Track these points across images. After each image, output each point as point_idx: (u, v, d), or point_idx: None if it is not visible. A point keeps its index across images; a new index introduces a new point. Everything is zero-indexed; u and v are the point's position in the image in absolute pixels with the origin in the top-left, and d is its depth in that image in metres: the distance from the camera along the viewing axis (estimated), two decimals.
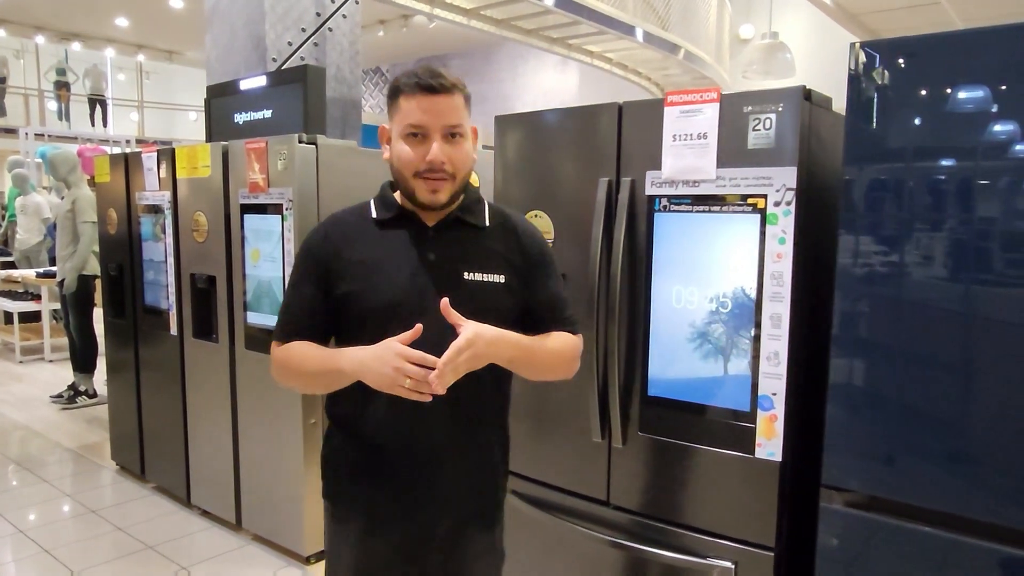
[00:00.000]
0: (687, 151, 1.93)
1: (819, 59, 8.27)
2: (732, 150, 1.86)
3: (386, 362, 1.25)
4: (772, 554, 1.85)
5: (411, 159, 1.36)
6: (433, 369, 1.23)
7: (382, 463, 1.44)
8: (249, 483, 3.25)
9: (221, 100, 3.83)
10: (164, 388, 3.67)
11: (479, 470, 1.51)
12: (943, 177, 1.56)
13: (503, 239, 1.48)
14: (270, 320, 3.05)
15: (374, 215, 1.46)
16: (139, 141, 12.38)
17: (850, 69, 1.63)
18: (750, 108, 1.83)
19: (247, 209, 3.13)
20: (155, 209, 3.63)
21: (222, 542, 3.25)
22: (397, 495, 1.45)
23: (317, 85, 3.41)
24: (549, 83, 11.33)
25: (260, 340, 3.10)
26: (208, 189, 3.31)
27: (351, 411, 1.45)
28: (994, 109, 1.47)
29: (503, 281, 1.43)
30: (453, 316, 1.29)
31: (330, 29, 4.06)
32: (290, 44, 3.89)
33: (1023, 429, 1.48)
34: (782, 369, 1.81)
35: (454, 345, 1.25)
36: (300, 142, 2.92)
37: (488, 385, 1.45)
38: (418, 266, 1.40)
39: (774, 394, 1.82)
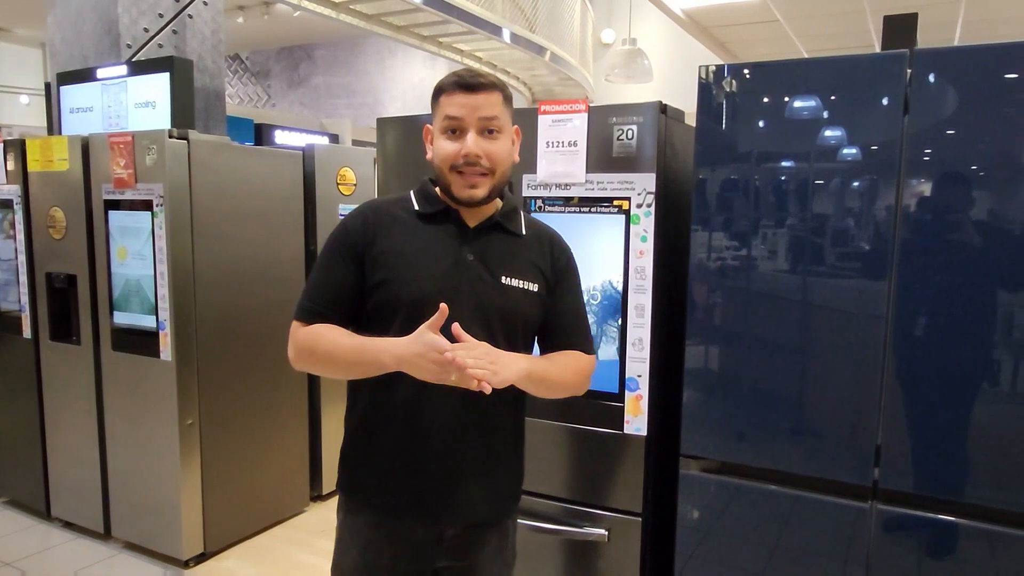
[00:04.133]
0: (559, 157, 2.10)
1: (675, 65, 8.84)
2: (599, 157, 2.05)
3: (423, 355, 1.23)
4: (640, 519, 2.07)
5: (448, 153, 1.37)
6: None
7: (395, 456, 1.42)
8: (119, 489, 3.13)
9: (73, 87, 3.62)
10: (17, 395, 3.44)
11: (495, 470, 1.48)
12: (778, 181, 1.81)
13: (538, 249, 1.49)
14: (140, 320, 2.95)
15: (416, 207, 1.45)
16: None
17: (699, 87, 1.85)
18: (615, 119, 2.02)
19: (111, 205, 3.01)
20: (3, 204, 3.38)
21: (90, 552, 3.11)
22: (406, 491, 1.42)
23: (185, 76, 3.31)
24: (419, 77, 11.32)
25: (129, 341, 3.00)
26: (66, 183, 3.14)
27: (369, 403, 1.44)
28: (816, 126, 1.74)
29: (536, 290, 1.44)
30: (457, 331, 1.27)
31: (190, 16, 3.92)
32: (146, 30, 3.73)
33: (846, 397, 1.76)
34: (646, 354, 2.03)
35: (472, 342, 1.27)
36: (171, 137, 2.85)
37: (510, 389, 1.38)
38: (456, 263, 1.39)
39: (639, 376, 2.04)
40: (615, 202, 2.04)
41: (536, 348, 1.53)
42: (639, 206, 2.01)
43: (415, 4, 5.89)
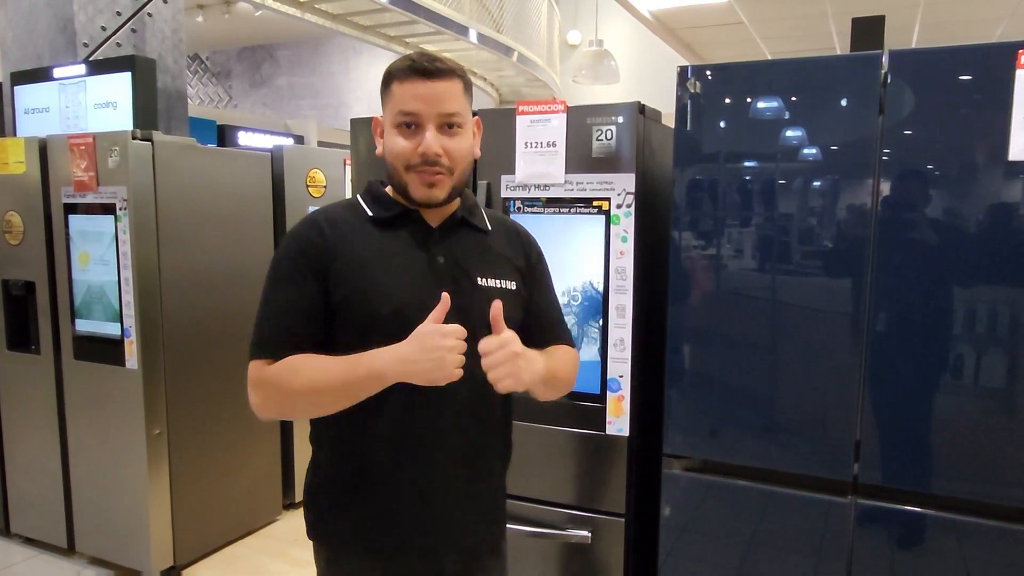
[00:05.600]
0: (538, 157, 2.09)
1: (642, 66, 8.91)
2: (578, 157, 2.04)
3: (435, 346, 1.11)
4: (623, 520, 2.07)
5: (403, 151, 1.21)
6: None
7: (385, 488, 1.27)
8: (83, 503, 3.03)
9: (27, 88, 3.50)
10: None
11: (488, 492, 1.37)
12: (757, 181, 1.82)
13: (508, 243, 1.37)
14: (103, 328, 2.86)
15: (369, 213, 1.29)
16: None
17: (678, 88, 1.85)
18: (593, 120, 2.02)
19: (72, 209, 2.91)
20: None
21: (53, 569, 3.01)
22: (402, 525, 1.27)
23: (147, 76, 3.22)
24: None
25: (92, 349, 2.90)
26: (22, 187, 3.03)
27: (348, 431, 1.26)
28: (795, 125, 1.76)
29: (514, 288, 1.32)
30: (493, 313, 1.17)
31: (149, 14, 3.82)
32: (104, 29, 3.62)
33: (827, 394, 1.78)
34: (627, 354, 2.02)
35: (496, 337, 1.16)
36: (134, 138, 2.77)
37: (497, 401, 1.33)
38: (426, 269, 1.25)
39: (621, 376, 2.03)
40: (595, 202, 2.03)
41: None
42: (619, 206, 2.00)
43: (382, 4, 5.84)
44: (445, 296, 1.15)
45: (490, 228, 1.36)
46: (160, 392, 2.88)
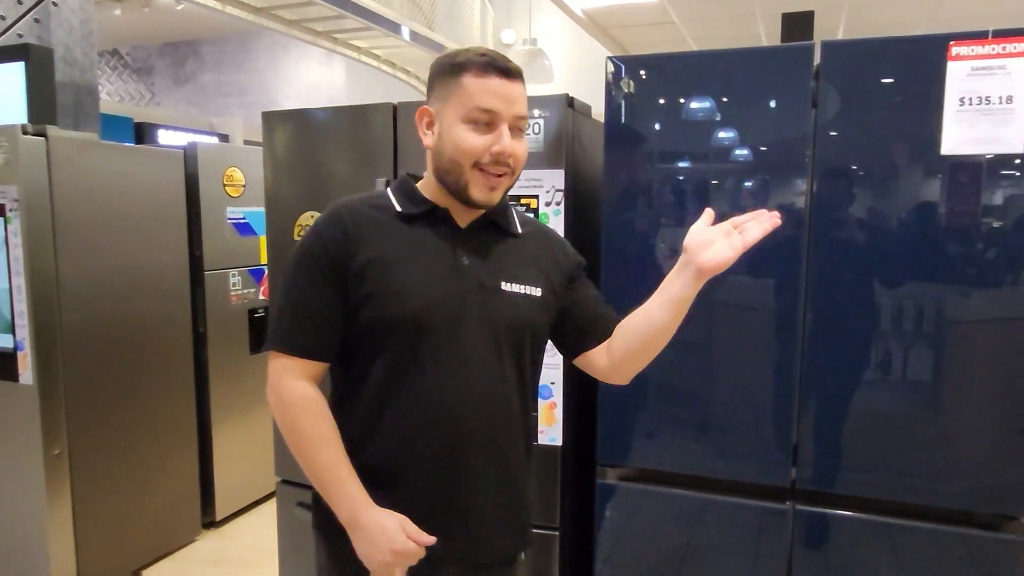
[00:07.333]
0: None
1: (576, 66, 8.90)
2: None
3: (387, 549, 1.12)
4: (557, 533, 1.97)
5: (476, 147, 1.16)
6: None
7: (393, 491, 1.21)
8: None
9: None
10: None
11: (504, 499, 1.29)
12: (688, 176, 1.76)
13: (540, 249, 1.33)
14: None
15: (397, 208, 1.24)
16: None
17: (607, 81, 1.77)
18: None
19: None
20: None
21: None
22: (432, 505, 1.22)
23: (43, 68, 2.98)
24: (314, 77, 10.94)
25: None
26: None
27: (359, 434, 1.22)
28: (726, 119, 1.70)
29: (540, 295, 1.27)
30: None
31: (55, 3, 3.55)
32: (3, 18, 3.35)
33: (764, 399, 1.72)
34: (559, 359, 1.93)
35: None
36: (25, 133, 2.54)
37: (518, 411, 1.28)
38: (451, 270, 1.21)
39: (553, 383, 1.94)
40: (523, 200, 1.93)
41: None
42: (548, 204, 1.91)
43: None
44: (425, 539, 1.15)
45: (520, 232, 1.32)
46: (59, 409, 2.65)
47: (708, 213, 1.19)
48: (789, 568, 1.73)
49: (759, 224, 1.16)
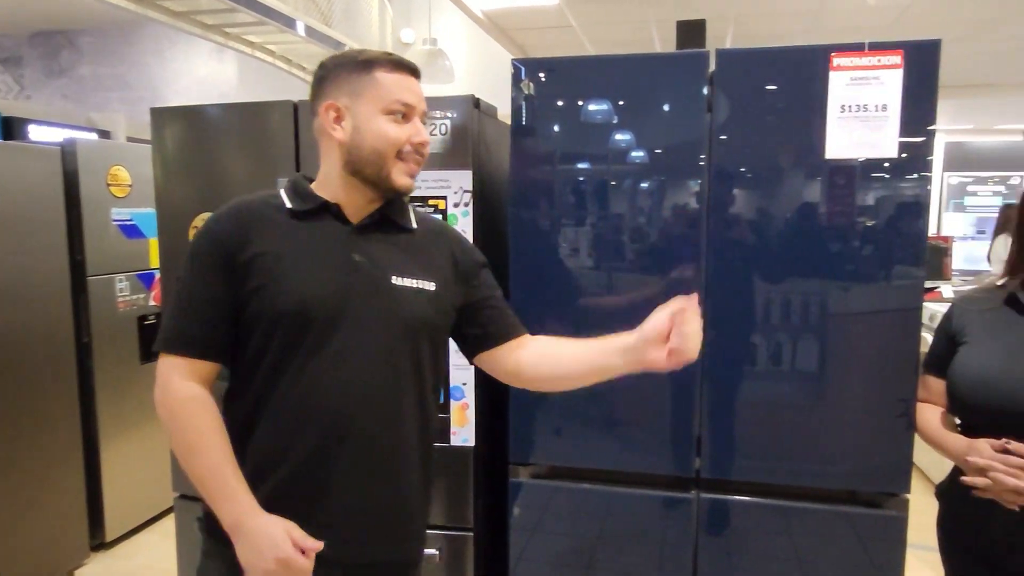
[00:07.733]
0: None
1: (477, 67, 8.91)
2: None
3: (270, 557, 1.09)
4: (472, 534, 1.97)
5: (400, 138, 1.22)
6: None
7: (279, 487, 1.19)
8: None
9: None
10: None
11: (397, 504, 1.28)
12: (591, 178, 1.80)
13: (435, 245, 1.35)
14: None
15: (288, 205, 1.25)
16: None
17: (513, 82, 1.79)
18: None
19: None
20: None
21: None
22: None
23: None
24: (204, 71, 10.45)
25: None
26: None
27: (269, 456, 1.19)
28: (626, 122, 1.75)
29: (433, 289, 1.28)
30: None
31: None
32: None
33: (661, 394, 1.78)
34: None
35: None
36: None
37: (413, 410, 1.27)
38: (340, 266, 1.22)
39: (464, 384, 1.94)
40: (430, 201, 1.92)
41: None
42: (456, 205, 1.91)
43: None
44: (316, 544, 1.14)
45: (416, 227, 1.34)
46: None
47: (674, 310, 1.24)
48: (695, 553, 1.80)
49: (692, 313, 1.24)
